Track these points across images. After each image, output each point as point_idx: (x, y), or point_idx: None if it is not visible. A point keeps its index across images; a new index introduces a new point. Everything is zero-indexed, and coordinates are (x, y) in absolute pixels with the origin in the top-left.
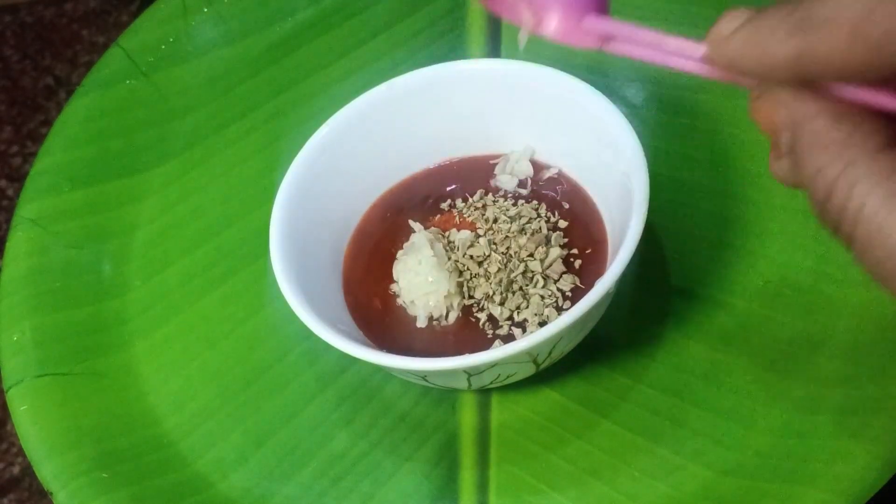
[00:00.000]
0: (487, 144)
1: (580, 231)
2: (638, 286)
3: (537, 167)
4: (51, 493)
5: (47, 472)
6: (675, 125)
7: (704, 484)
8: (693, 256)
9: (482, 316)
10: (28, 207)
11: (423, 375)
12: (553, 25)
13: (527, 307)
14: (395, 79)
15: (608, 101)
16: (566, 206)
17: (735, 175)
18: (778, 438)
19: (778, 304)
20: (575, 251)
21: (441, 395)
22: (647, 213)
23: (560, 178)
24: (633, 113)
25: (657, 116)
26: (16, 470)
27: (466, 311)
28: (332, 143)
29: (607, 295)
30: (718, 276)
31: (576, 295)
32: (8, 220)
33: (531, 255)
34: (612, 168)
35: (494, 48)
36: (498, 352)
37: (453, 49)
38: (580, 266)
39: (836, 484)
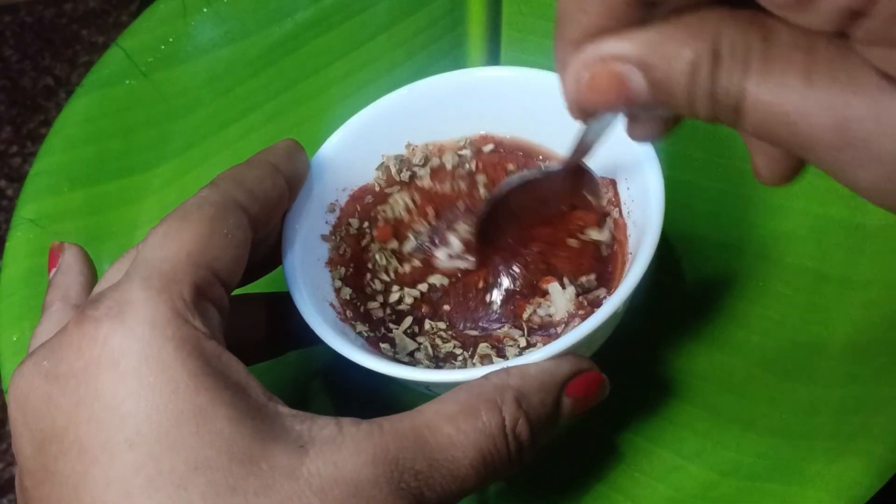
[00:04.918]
0: None
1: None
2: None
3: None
4: None
5: None
6: None
7: (704, 484)
8: (693, 257)
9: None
10: (28, 207)
11: (427, 385)
12: None
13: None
14: (416, 83)
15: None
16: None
17: (735, 175)
18: (778, 438)
19: (778, 304)
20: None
21: None
22: (660, 232)
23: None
24: None
25: None
26: (16, 470)
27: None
28: (346, 147)
29: (615, 315)
30: (718, 277)
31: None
32: (8, 220)
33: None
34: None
35: (494, 49)
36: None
37: (453, 49)
38: (588, 281)
39: (836, 484)
